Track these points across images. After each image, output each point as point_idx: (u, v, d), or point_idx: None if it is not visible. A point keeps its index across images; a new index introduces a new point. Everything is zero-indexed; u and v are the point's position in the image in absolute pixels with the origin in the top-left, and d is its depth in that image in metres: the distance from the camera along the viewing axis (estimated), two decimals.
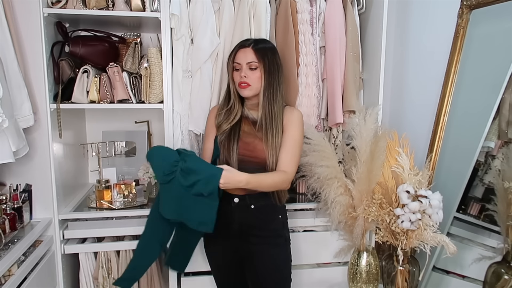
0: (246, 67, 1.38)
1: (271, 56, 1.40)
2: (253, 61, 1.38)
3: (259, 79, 1.38)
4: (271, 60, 1.39)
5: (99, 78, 1.62)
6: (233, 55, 1.42)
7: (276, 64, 1.41)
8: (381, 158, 1.45)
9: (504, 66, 1.34)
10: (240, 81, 1.38)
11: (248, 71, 1.38)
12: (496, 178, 1.36)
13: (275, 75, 1.39)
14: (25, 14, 1.49)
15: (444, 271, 1.55)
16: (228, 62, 1.44)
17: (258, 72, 1.38)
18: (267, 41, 1.48)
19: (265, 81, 1.38)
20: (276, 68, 1.40)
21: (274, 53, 1.42)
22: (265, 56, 1.38)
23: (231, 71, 1.43)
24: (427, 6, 1.66)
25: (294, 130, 1.40)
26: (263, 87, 1.38)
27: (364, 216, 1.46)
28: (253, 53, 1.38)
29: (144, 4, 1.60)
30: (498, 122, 1.38)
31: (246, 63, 1.38)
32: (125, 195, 1.73)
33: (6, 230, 1.38)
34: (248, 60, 1.38)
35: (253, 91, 1.39)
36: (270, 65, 1.39)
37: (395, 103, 1.84)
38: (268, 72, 1.38)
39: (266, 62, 1.38)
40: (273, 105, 1.38)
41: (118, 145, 1.95)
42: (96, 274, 1.69)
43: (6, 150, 1.30)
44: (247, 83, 1.38)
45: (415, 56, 1.74)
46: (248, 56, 1.38)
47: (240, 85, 1.39)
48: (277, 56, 1.43)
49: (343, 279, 1.73)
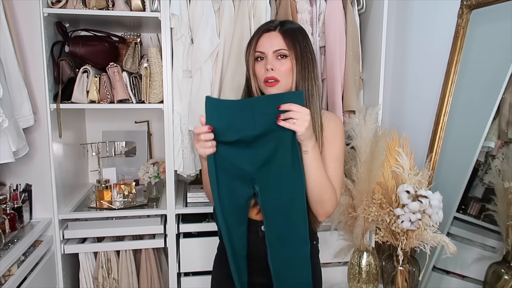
0: (272, 57, 1.08)
1: (303, 40, 1.09)
2: (281, 48, 1.07)
3: (289, 72, 1.07)
4: (303, 45, 1.08)
5: (99, 78, 1.62)
6: (255, 42, 1.11)
7: (310, 51, 1.09)
8: (381, 158, 1.45)
9: (504, 66, 1.33)
10: (266, 77, 1.07)
11: (275, 62, 1.07)
12: (496, 178, 1.36)
13: (310, 65, 1.09)
14: (25, 14, 1.49)
15: (444, 271, 1.55)
16: (248, 53, 1.13)
17: (288, 62, 1.07)
18: (293, 21, 1.18)
19: (298, 75, 1.08)
20: (310, 57, 1.09)
21: (305, 37, 1.10)
22: (295, 40, 1.07)
23: (252, 64, 1.12)
24: (427, 6, 1.66)
25: (340, 145, 1.12)
26: (295, 82, 1.08)
27: (364, 216, 1.46)
28: (281, 38, 1.07)
29: (144, 4, 1.60)
30: (498, 122, 1.38)
31: (273, 51, 1.07)
32: (125, 195, 1.73)
33: (6, 230, 1.38)
34: (275, 47, 1.07)
35: (282, 89, 1.08)
36: (303, 52, 1.08)
37: (395, 103, 1.84)
38: (301, 62, 1.07)
39: (298, 48, 1.07)
40: (309, 107, 1.07)
41: (118, 145, 1.95)
42: (96, 274, 1.69)
43: (6, 150, 1.30)
44: (275, 79, 1.07)
45: (415, 56, 1.74)
46: (275, 42, 1.07)
47: (267, 81, 1.07)
48: (309, 41, 1.11)
49: (343, 279, 1.73)
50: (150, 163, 1.84)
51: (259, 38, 1.10)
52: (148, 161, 1.91)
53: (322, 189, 1.05)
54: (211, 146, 1.00)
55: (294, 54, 1.07)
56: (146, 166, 1.84)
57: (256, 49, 1.10)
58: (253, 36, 1.13)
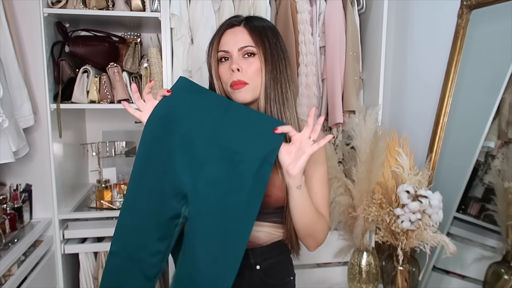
0: (238, 56, 0.92)
1: (273, 37, 0.94)
2: (248, 44, 0.92)
3: (258, 73, 0.92)
4: (273, 42, 0.93)
5: (99, 78, 1.62)
6: (217, 41, 0.95)
7: (281, 50, 0.95)
8: (381, 158, 1.45)
9: (504, 66, 1.33)
10: (232, 81, 0.92)
11: (241, 62, 0.92)
12: (496, 178, 1.35)
13: (281, 65, 0.94)
14: (25, 14, 1.49)
15: (444, 271, 1.55)
16: (209, 53, 0.97)
17: (256, 61, 0.92)
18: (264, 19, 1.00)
19: (268, 75, 0.92)
20: (282, 55, 0.94)
21: (276, 34, 0.96)
22: (264, 37, 0.93)
23: (215, 65, 0.96)
24: (427, 6, 1.66)
25: (324, 164, 0.98)
26: (264, 84, 0.92)
27: (364, 216, 1.46)
28: (247, 34, 0.93)
29: (144, 4, 1.60)
30: (498, 122, 1.38)
31: (238, 49, 0.92)
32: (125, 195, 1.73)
33: (6, 230, 1.38)
34: (240, 44, 0.92)
35: (251, 93, 0.93)
36: (273, 49, 0.93)
37: (395, 103, 1.84)
38: (271, 61, 0.92)
39: (267, 46, 0.92)
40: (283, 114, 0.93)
41: (118, 145, 1.95)
42: (96, 274, 1.69)
43: (6, 150, 1.30)
44: (242, 82, 0.91)
45: (415, 56, 1.74)
46: (240, 38, 0.93)
47: (234, 85, 0.92)
48: (281, 39, 0.97)
49: (343, 279, 1.72)
50: None
51: (222, 35, 0.95)
52: None
53: (314, 222, 0.92)
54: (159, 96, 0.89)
55: (263, 51, 0.91)
56: None
57: (219, 49, 0.95)
58: (215, 34, 0.97)
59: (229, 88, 0.93)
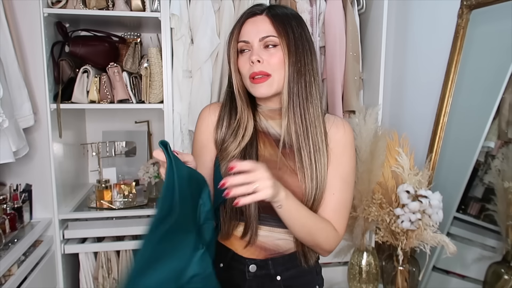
0: (259, 47, 0.86)
1: (298, 27, 0.87)
2: (270, 34, 0.85)
3: (281, 65, 0.85)
4: (298, 33, 0.86)
5: (99, 78, 1.62)
6: (237, 31, 0.89)
7: (307, 40, 0.88)
8: (381, 158, 1.45)
9: (504, 66, 1.33)
10: (252, 72, 0.85)
11: (262, 53, 0.85)
12: (496, 178, 1.35)
13: (307, 57, 0.87)
14: (25, 14, 1.49)
15: (444, 271, 1.55)
16: (229, 44, 0.90)
17: (278, 52, 0.85)
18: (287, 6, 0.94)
19: (291, 68, 0.85)
20: (308, 47, 0.88)
21: (301, 23, 0.89)
22: (288, 26, 0.85)
23: (234, 57, 0.90)
24: (427, 6, 1.66)
25: (349, 162, 0.91)
26: (288, 78, 0.85)
27: (364, 216, 1.46)
28: (269, 23, 0.86)
29: (144, 4, 1.60)
30: (498, 122, 1.38)
31: (259, 39, 0.86)
32: (125, 195, 1.73)
33: (6, 230, 1.38)
34: (261, 34, 0.85)
35: (274, 87, 0.87)
36: (298, 40, 0.86)
37: (395, 103, 1.84)
38: (295, 52, 0.85)
39: (291, 36, 0.85)
40: (306, 110, 0.87)
41: (118, 145, 1.95)
42: (96, 274, 1.69)
43: (6, 150, 1.30)
44: (264, 73, 0.85)
45: (415, 56, 1.74)
46: (261, 28, 0.86)
47: (253, 77, 0.85)
48: (306, 29, 0.90)
49: (343, 279, 1.72)
50: (150, 163, 1.84)
51: (242, 25, 0.88)
52: (148, 161, 1.91)
53: (313, 234, 0.85)
54: None
55: (286, 42, 0.85)
56: (146, 166, 1.84)
57: (239, 39, 0.88)
58: (236, 23, 0.90)
59: (248, 81, 0.87)
